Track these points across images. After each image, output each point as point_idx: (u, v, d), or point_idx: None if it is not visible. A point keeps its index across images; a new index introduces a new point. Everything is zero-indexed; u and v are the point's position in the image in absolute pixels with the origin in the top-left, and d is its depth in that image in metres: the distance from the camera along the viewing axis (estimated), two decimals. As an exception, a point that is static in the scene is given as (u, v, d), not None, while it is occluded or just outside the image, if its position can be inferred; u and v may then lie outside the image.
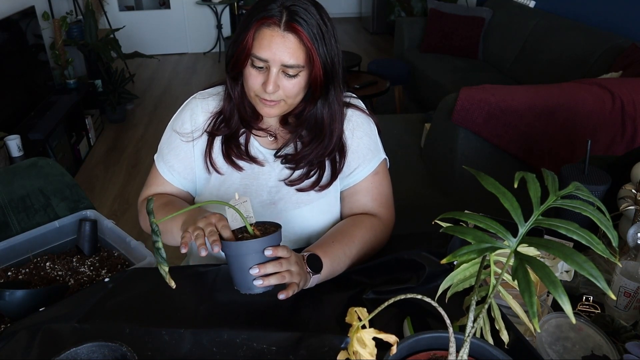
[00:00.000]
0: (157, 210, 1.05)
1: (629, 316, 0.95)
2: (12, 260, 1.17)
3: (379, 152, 1.14)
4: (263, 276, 0.82)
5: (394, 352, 0.61)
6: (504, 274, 0.57)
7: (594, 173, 1.18)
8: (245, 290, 0.84)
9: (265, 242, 0.82)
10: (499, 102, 2.09)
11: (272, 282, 0.82)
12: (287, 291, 0.84)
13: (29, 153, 2.77)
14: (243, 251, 0.82)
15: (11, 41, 3.06)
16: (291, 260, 0.85)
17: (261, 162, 1.10)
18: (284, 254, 0.83)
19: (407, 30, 4.57)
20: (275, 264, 0.82)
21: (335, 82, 1.02)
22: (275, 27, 0.93)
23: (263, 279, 0.82)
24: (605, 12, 3.28)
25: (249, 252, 0.81)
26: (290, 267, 0.84)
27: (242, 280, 0.84)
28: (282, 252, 0.83)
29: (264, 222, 0.89)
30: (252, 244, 0.81)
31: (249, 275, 0.82)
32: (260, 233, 0.85)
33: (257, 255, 0.82)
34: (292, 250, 0.88)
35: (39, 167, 1.36)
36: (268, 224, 0.88)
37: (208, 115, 1.11)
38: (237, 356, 0.79)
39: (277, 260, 0.83)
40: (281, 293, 0.83)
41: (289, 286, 0.85)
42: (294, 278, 0.85)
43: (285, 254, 0.84)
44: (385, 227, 1.11)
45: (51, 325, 0.85)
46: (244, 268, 0.82)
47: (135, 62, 5.46)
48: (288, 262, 0.84)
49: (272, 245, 0.83)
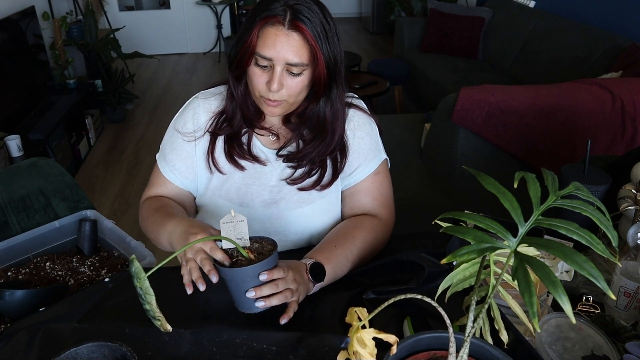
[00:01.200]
0: (149, 216, 1.06)
1: (629, 316, 0.95)
2: (12, 260, 1.17)
3: (380, 152, 1.14)
4: (265, 297, 0.83)
5: (394, 352, 0.61)
6: (504, 274, 0.57)
7: (594, 173, 1.18)
8: (246, 310, 0.84)
9: (261, 267, 0.81)
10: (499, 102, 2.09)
11: (273, 302, 0.83)
12: (288, 313, 0.84)
13: (29, 153, 2.77)
14: (239, 277, 0.82)
15: (11, 41, 3.06)
16: (288, 279, 0.85)
17: (263, 161, 1.10)
18: (279, 275, 0.83)
19: (407, 30, 4.57)
20: (271, 285, 0.82)
21: (338, 80, 1.02)
22: (279, 26, 0.93)
23: (264, 300, 0.82)
24: (605, 12, 3.28)
25: (246, 277, 0.81)
26: (288, 286, 0.84)
27: (241, 302, 0.84)
28: (277, 274, 0.83)
29: (259, 238, 0.88)
30: (247, 271, 0.81)
31: (247, 297, 0.82)
32: (256, 253, 0.84)
33: (254, 280, 0.82)
34: (290, 266, 0.87)
35: (39, 167, 1.36)
36: (264, 240, 0.88)
37: (210, 115, 1.11)
38: (237, 356, 0.79)
39: (273, 281, 0.83)
40: (282, 318, 0.84)
41: (289, 307, 0.85)
42: (294, 296, 0.85)
43: (281, 274, 0.83)
44: (386, 227, 1.11)
45: (51, 325, 0.85)
46: (242, 291, 0.82)
47: (135, 62, 5.46)
48: (285, 281, 0.84)
49: (268, 268, 0.82)
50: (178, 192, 1.14)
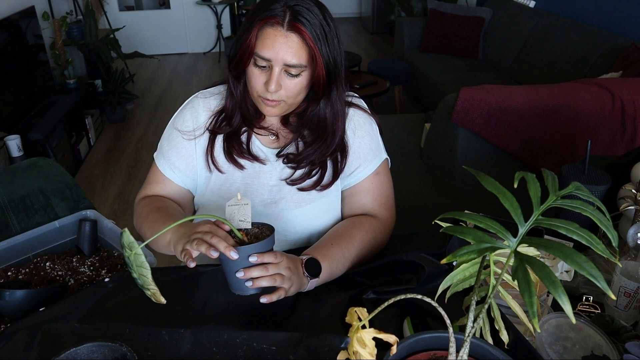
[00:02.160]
0: (148, 214, 1.05)
1: (629, 316, 0.95)
2: (12, 260, 1.17)
3: (381, 152, 1.14)
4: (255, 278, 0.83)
5: (394, 352, 0.61)
6: (504, 274, 0.57)
7: (594, 173, 1.18)
8: (237, 291, 0.86)
9: (252, 249, 0.83)
10: (498, 102, 2.09)
11: (262, 284, 0.83)
12: (271, 295, 0.84)
13: (29, 153, 2.77)
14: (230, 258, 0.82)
15: (11, 41, 3.06)
16: (281, 265, 0.85)
17: (263, 160, 1.10)
18: (271, 259, 0.84)
19: (407, 30, 4.57)
20: (260, 268, 0.83)
21: (338, 82, 1.02)
22: (278, 27, 0.93)
23: (253, 281, 0.83)
24: (605, 12, 3.28)
25: (239, 258, 0.82)
26: (278, 271, 0.85)
27: (233, 282, 0.86)
28: (269, 258, 0.84)
29: (260, 224, 0.89)
30: (239, 252, 0.81)
31: (238, 278, 0.83)
32: (253, 237, 0.86)
33: (245, 261, 0.83)
34: (286, 255, 0.88)
35: (39, 167, 1.36)
36: (265, 227, 0.89)
37: (210, 114, 1.11)
38: (237, 356, 0.79)
39: (263, 265, 0.84)
40: (264, 297, 0.83)
41: (275, 291, 0.85)
42: (284, 282, 0.85)
43: (273, 259, 0.84)
44: (385, 228, 1.11)
45: (51, 325, 0.85)
46: (233, 271, 0.84)
47: (135, 62, 5.46)
48: (277, 267, 0.84)
49: (261, 251, 0.83)
50: (177, 190, 1.13)
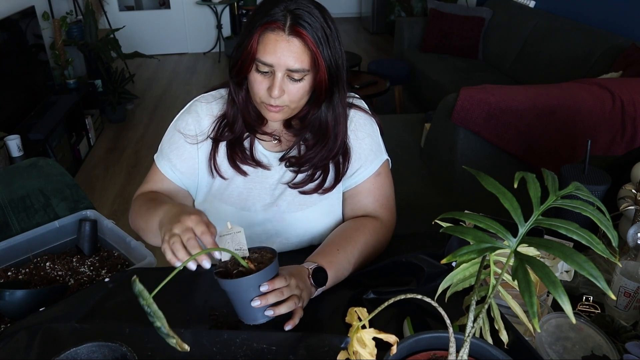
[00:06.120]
0: (141, 207, 1.03)
1: (629, 316, 0.95)
2: (12, 260, 1.17)
3: (382, 152, 1.14)
4: (273, 305, 0.82)
5: (394, 352, 0.61)
6: (504, 274, 0.57)
7: (594, 173, 1.18)
8: (250, 321, 0.84)
9: (262, 275, 0.81)
10: (499, 102, 2.09)
11: (282, 311, 0.82)
12: (294, 319, 0.84)
13: (29, 153, 2.77)
14: (241, 288, 0.81)
15: (11, 41, 3.06)
16: (292, 285, 0.84)
17: (266, 165, 1.10)
18: (281, 284, 0.83)
19: (407, 30, 4.57)
20: (276, 293, 0.82)
21: (340, 85, 1.01)
22: (279, 32, 0.92)
23: (273, 309, 0.82)
24: (605, 12, 3.28)
25: (248, 288, 0.81)
26: (292, 292, 0.84)
27: (245, 313, 0.84)
28: (279, 283, 0.82)
29: (257, 248, 0.88)
30: (249, 280, 0.80)
31: (252, 307, 0.81)
32: (256, 263, 0.84)
33: (257, 290, 0.81)
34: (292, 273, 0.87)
35: (39, 167, 1.37)
36: (263, 250, 0.87)
37: (212, 119, 1.10)
38: (237, 356, 0.79)
39: (278, 290, 0.82)
40: (287, 324, 0.83)
41: (294, 313, 0.85)
42: (299, 302, 0.85)
43: (283, 283, 0.83)
44: (387, 229, 1.11)
45: (51, 325, 0.85)
46: (245, 302, 0.82)
47: (135, 62, 5.46)
48: (289, 289, 0.84)
49: (269, 276, 0.82)
50: (176, 190, 1.12)
